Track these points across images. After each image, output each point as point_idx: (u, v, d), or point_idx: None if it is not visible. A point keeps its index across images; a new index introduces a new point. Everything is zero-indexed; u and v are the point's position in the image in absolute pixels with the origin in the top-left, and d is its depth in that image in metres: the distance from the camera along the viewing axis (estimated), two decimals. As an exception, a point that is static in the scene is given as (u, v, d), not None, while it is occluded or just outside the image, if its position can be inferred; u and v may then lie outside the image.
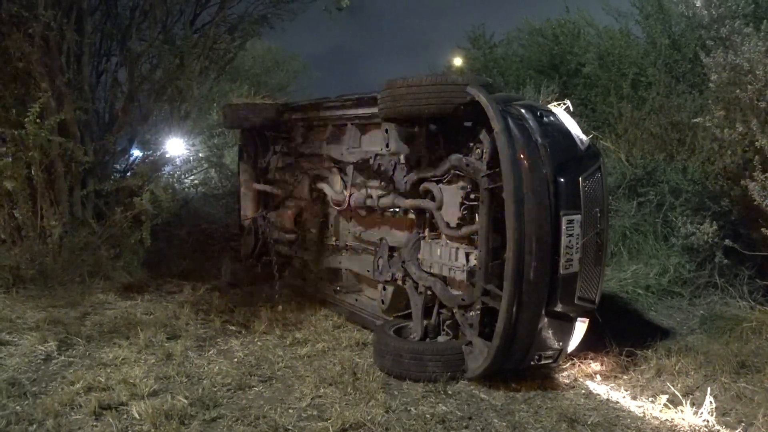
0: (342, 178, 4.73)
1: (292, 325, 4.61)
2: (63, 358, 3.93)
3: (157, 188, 5.66)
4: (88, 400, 3.24)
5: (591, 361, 3.86)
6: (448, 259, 3.66)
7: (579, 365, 3.82)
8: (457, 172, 3.59)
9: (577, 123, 3.61)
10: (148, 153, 6.77)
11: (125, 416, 3.13)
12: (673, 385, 3.43)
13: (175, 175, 6.98)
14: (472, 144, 3.47)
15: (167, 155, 6.85)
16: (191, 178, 8.48)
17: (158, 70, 6.64)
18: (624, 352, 3.89)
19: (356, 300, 4.75)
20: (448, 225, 3.67)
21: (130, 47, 6.49)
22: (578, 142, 3.36)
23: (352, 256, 4.77)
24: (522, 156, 3.14)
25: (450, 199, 3.64)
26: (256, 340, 4.35)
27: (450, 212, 3.65)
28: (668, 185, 5.55)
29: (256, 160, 5.87)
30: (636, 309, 4.92)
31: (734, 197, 4.98)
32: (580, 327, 3.55)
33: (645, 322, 4.69)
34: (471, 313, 3.59)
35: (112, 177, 6.64)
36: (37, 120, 5.36)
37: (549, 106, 3.53)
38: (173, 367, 3.76)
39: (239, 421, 3.09)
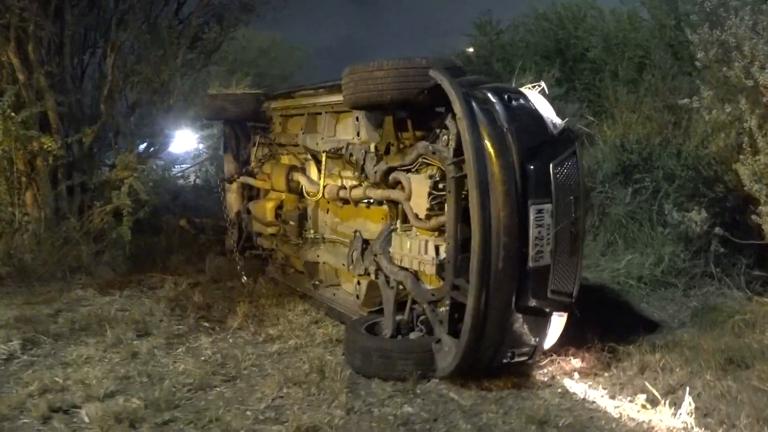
0: (317, 169, 4.57)
1: (268, 321, 4.47)
2: (26, 357, 3.83)
3: (135, 182, 5.52)
4: (40, 402, 3.12)
5: (571, 358, 3.66)
6: (418, 252, 3.48)
7: (558, 362, 3.62)
8: (424, 160, 3.41)
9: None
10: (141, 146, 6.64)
11: (75, 419, 3.00)
12: (654, 383, 3.23)
13: (160, 168, 6.84)
14: (438, 130, 3.28)
15: (152, 149, 6.74)
16: (183, 170, 8.40)
17: (142, 61, 6.50)
18: (606, 348, 3.69)
19: (334, 294, 4.60)
20: (417, 216, 3.49)
21: (112, 39, 6.37)
22: (550, 126, 3.15)
23: (329, 249, 4.62)
24: (486, 142, 2.94)
25: (418, 189, 3.46)
26: (228, 336, 4.21)
27: (418, 203, 3.46)
28: (663, 171, 5.32)
29: (239, 152, 5.72)
30: (626, 301, 4.71)
31: (728, 182, 4.74)
32: (558, 322, 3.36)
33: (634, 315, 4.47)
34: (441, 309, 3.42)
35: (100, 170, 6.53)
36: (12, 114, 5.25)
37: (522, 89, 3.32)
38: (135, 366, 3.64)
39: (192, 425, 2.95)
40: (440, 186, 3.33)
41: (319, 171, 4.53)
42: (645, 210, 5.46)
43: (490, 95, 3.05)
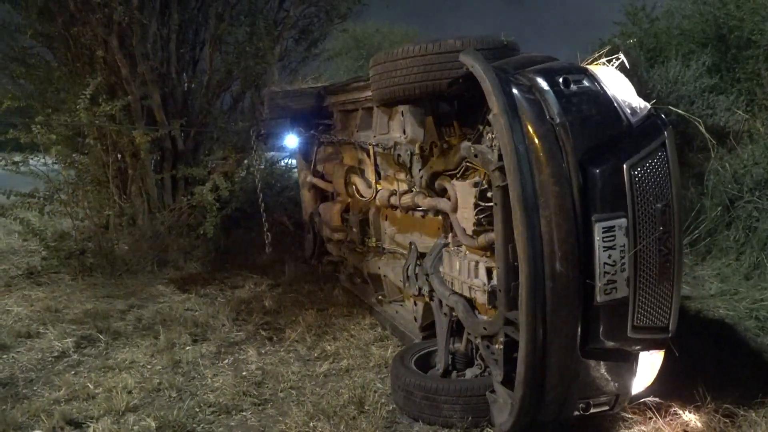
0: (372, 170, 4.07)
1: (330, 334, 4.09)
2: (75, 357, 3.78)
3: (217, 178, 5.39)
4: (58, 411, 2.98)
5: (672, 417, 2.85)
6: (468, 275, 2.88)
7: (653, 420, 2.83)
8: (469, 164, 2.79)
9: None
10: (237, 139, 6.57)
11: (79, 436, 2.83)
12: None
13: (255, 164, 6.72)
14: (481, 128, 2.65)
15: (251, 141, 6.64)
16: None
17: (245, 56, 6.41)
18: (722, 410, 2.82)
19: (397, 312, 4.09)
20: (464, 231, 2.88)
21: (212, 32, 6.35)
22: (625, 114, 2.38)
23: (389, 262, 4.10)
24: (531, 143, 2.27)
25: (464, 199, 2.84)
26: (281, 350, 3.90)
27: (465, 216, 2.85)
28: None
29: (307, 150, 5.38)
30: (763, 345, 3.69)
31: None
32: (650, 361, 2.60)
33: (769, 365, 3.48)
34: (495, 346, 2.78)
35: (204, 164, 6.52)
36: (109, 107, 5.29)
37: (590, 66, 2.56)
38: (171, 377, 3.44)
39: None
40: (488, 195, 2.70)
41: (374, 172, 4.05)
42: (805, 226, 4.33)
43: (538, 80, 2.34)
